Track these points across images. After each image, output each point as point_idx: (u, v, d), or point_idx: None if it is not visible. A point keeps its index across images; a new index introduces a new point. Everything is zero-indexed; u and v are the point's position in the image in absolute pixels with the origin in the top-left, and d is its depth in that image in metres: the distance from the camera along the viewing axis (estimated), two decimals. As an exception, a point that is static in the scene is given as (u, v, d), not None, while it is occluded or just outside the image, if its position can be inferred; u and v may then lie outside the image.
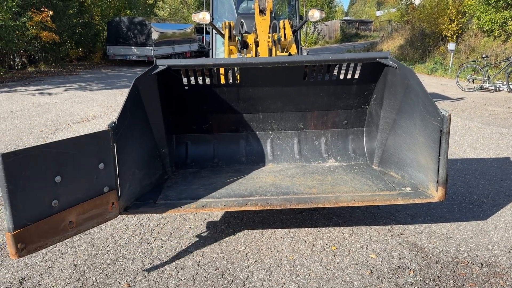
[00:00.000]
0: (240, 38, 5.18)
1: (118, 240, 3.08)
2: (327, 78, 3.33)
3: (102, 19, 22.89)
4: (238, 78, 3.43)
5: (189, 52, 22.74)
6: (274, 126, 3.66)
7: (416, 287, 2.48)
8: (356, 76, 3.33)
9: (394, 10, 31.28)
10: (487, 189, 4.01)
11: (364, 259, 2.78)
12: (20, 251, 1.99)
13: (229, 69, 3.34)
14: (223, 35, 5.61)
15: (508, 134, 6.13)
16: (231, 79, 3.45)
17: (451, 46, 13.31)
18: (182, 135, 3.62)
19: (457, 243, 2.98)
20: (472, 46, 14.35)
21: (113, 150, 2.42)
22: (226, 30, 5.44)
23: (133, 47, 19.40)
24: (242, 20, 5.95)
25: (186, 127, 3.59)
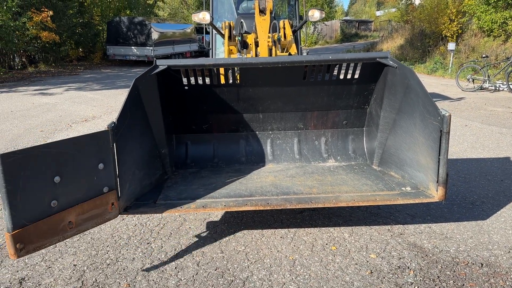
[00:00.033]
0: (240, 38, 5.18)
1: (118, 240, 3.08)
2: (327, 78, 3.33)
3: (102, 19, 22.90)
4: (238, 78, 3.43)
5: (189, 52, 22.75)
6: (274, 126, 3.66)
7: (416, 287, 2.48)
8: (356, 76, 3.33)
9: (394, 10, 31.28)
10: (487, 189, 4.01)
11: (364, 259, 2.77)
12: (19, 251, 1.99)
13: (229, 69, 3.34)
14: (223, 35, 5.61)
15: (508, 134, 6.12)
16: (231, 79, 3.45)
17: (451, 46, 13.32)
18: (182, 135, 3.61)
19: (457, 243, 2.98)
20: (472, 46, 14.35)
21: (113, 150, 2.42)
22: (226, 30, 5.44)
23: (133, 47, 19.41)
24: (242, 20, 5.95)
25: (186, 127, 3.59)
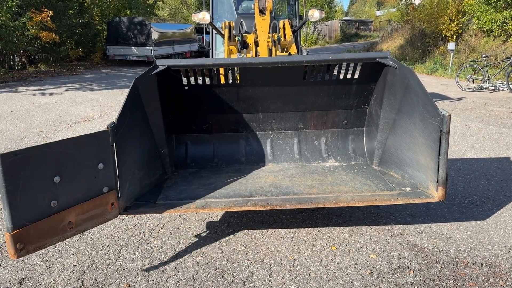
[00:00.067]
0: (240, 38, 5.18)
1: (117, 240, 3.08)
2: (327, 78, 3.33)
3: (102, 19, 22.91)
4: (238, 78, 3.43)
5: (189, 52, 22.76)
6: (274, 126, 3.66)
7: (416, 287, 2.48)
8: (356, 76, 3.33)
9: (394, 10, 31.28)
10: (487, 189, 4.00)
11: (364, 259, 2.77)
12: (19, 251, 1.99)
13: (229, 69, 3.34)
14: (223, 35, 5.61)
15: (508, 134, 6.12)
16: (231, 79, 3.45)
17: (451, 46, 13.32)
18: (182, 135, 3.61)
19: (457, 243, 2.98)
20: (472, 46, 14.35)
21: (112, 150, 2.42)
22: (226, 30, 5.44)
23: (133, 47, 19.41)
24: (242, 20, 5.96)
25: (186, 127, 3.59)
